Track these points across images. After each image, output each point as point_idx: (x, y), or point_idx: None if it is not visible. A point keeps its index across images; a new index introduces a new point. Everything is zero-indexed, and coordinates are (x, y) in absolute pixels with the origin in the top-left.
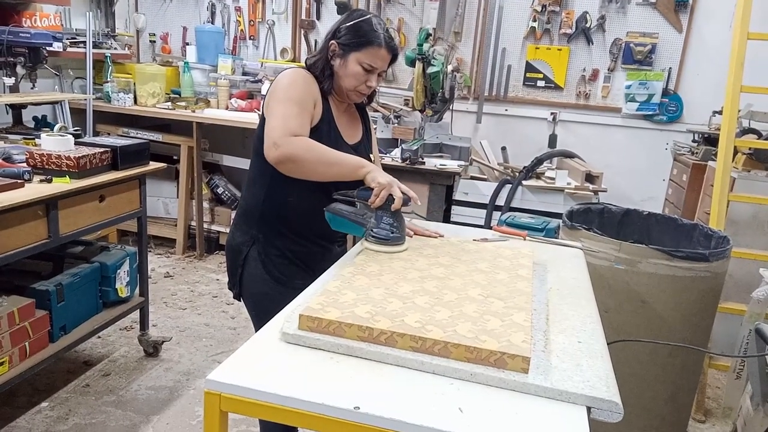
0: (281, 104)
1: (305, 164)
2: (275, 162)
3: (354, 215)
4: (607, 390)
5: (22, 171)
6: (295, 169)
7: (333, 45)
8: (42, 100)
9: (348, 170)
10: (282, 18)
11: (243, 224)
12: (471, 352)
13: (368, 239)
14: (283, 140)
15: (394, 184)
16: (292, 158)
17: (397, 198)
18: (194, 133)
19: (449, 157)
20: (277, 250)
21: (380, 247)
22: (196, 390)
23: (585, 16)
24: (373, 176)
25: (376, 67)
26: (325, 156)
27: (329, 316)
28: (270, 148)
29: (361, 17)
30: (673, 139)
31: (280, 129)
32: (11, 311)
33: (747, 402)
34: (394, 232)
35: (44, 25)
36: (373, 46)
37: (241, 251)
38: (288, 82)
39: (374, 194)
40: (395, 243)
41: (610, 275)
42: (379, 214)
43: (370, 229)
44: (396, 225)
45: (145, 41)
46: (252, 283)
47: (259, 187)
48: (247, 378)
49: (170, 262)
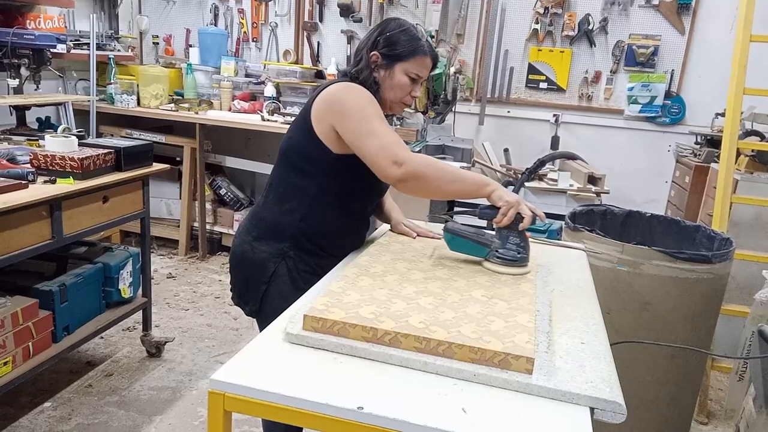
0: (371, 122)
1: (430, 181)
2: (398, 180)
3: (477, 236)
4: (610, 391)
5: (26, 172)
6: (417, 187)
7: (375, 56)
8: (46, 101)
9: (472, 188)
10: (285, 20)
11: (270, 239)
12: (475, 352)
13: (492, 260)
14: (404, 157)
15: (522, 202)
16: (417, 175)
17: (526, 217)
18: (197, 135)
19: (451, 159)
20: (308, 266)
21: (506, 269)
22: (198, 390)
23: (587, 18)
24: (499, 194)
25: (422, 76)
26: (448, 173)
27: (333, 316)
28: (390, 167)
29: (401, 27)
30: (676, 141)
31: (393, 146)
32: (15, 311)
33: (750, 404)
34: (521, 253)
35: (48, 27)
36: (419, 55)
37: (268, 267)
38: (359, 98)
39: (501, 213)
40: (522, 264)
41: (613, 277)
42: (504, 234)
43: (495, 249)
44: (523, 245)
45: (148, 43)
46: (278, 300)
47: (297, 203)
48: (250, 378)
49: (173, 263)
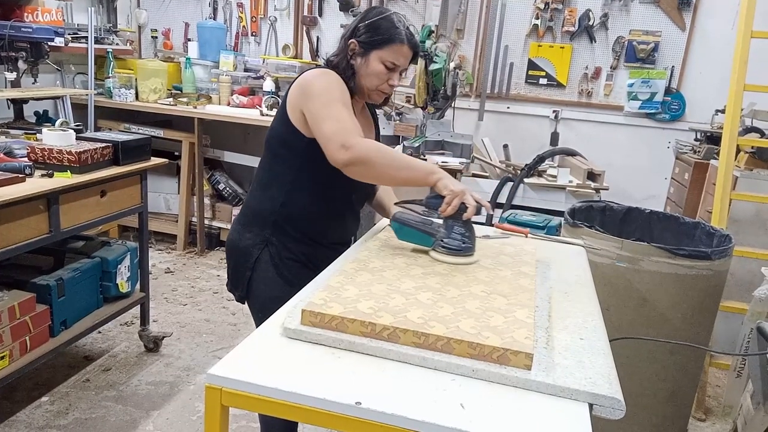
0: (330, 106)
1: (376, 167)
2: (344, 164)
3: (423, 225)
4: (609, 387)
5: (23, 165)
6: (364, 172)
7: (353, 44)
8: (43, 95)
9: (419, 175)
10: (284, 14)
11: (254, 226)
12: (474, 348)
13: (438, 250)
14: (352, 141)
15: (467, 192)
16: (364, 160)
17: (470, 207)
18: (195, 129)
19: (451, 155)
20: (291, 253)
21: (451, 258)
22: (196, 385)
23: (588, 13)
24: (444, 183)
25: (399, 65)
26: (396, 159)
27: (332, 311)
28: (337, 151)
29: (381, 14)
30: (676, 137)
31: (344, 131)
32: (12, 305)
33: (747, 400)
34: (466, 242)
35: (46, 20)
36: (396, 44)
37: (251, 253)
38: (325, 83)
39: (446, 202)
40: (467, 254)
41: (612, 273)
42: (449, 224)
43: (440, 239)
44: (467, 235)
45: (146, 37)
46: (263, 286)
47: (277, 190)
48: (248, 373)
49: (171, 258)
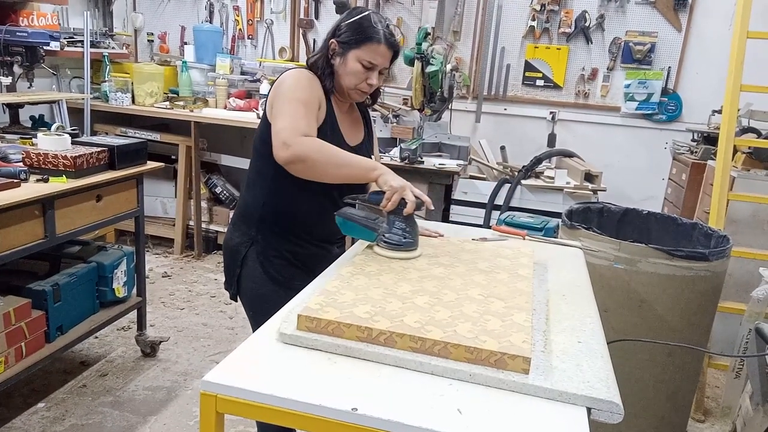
0: (288, 104)
1: (316, 165)
2: (285, 162)
3: (365, 220)
4: (607, 391)
5: (18, 170)
6: (305, 170)
7: (333, 43)
8: (39, 99)
9: (359, 172)
10: (280, 17)
11: (242, 225)
12: (471, 352)
13: (380, 244)
14: (293, 140)
15: (407, 187)
16: (303, 158)
17: (409, 202)
18: (192, 133)
19: (448, 157)
20: (276, 251)
21: (392, 253)
22: (193, 390)
23: (584, 15)
24: (385, 179)
25: (377, 64)
26: (336, 157)
27: (328, 316)
28: (280, 148)
29: (360, 14)
30: (673, 138)
31: (289, 129)
32: (7, 311)
33: (746, 401)
34: (407, 237)
35: (41, 24)
36: (372, 43)
37: (240, 252)
38: (293, 82)
39: (386, 198)
40: (408, 249)
41: (610, 275)
42: (391, 219)
43: (382, 234)
44: (408, 230)
45: (143, 40)
46: (250, 284)
47: (260, 188)
48: (243, 379)
49: (168, 262)
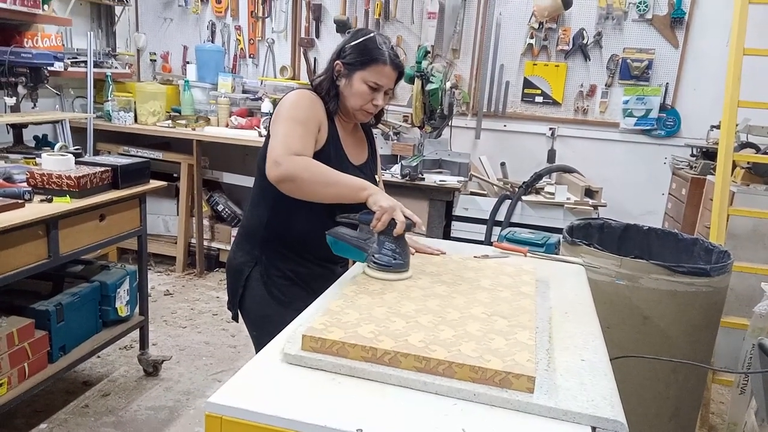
0: (284, 124)
1: (304, 184)
2: (275, 181)
3: (356, 240)
4: (611, 409)
5: (22, 191)
6: (294, 189)
7: (338, 65)
8: (43, 119)
9: (349, 192)
10: (281, 36)
11: (245, 244)
12: (476, 371)
13: (370, 265)
14: (283, 159)
15: (397, 207)
16: (291, 177)
17: (399, 223)
18: (194, 151)
19: (449, 173)
20: (280, 271)
21: (381, 274)
22: (196, 410)
23: (582, 32)
24: (375, 199)
25: (382, 85)
26: (324, 176)
27: (333, 336)
28: (271, 167)
29: (365, 36)
30: (672, 153)
31: (281, 148)
32: (10, 332)
33: (752, 417)
34: (397, 259)
35: (46, 45)
36: (378, 64)
37: (243, 272)
38: (292, 102)
39: (375, 218)
40: (397, 270)
41: (612, 291)
42: (381, 239)
43: (372, 254)
44: (398, 251)
45: (145, 60)
46: (254, 304)
47: (263, 208)
48: (248, 400)
49: (170, 280)
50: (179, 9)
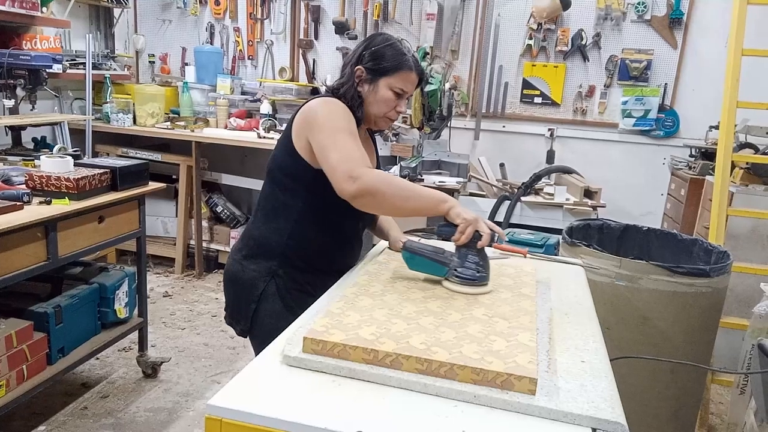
0: (336, 136)
1: (384, 198)
2: (352, 196)
3: (435, 254)
4: (612, 411)
5: (21, 193)
6: (372, 204)
7: (359, 71)
8: (41, 121)
9: (429, 204)
10: (280, 38)
11: (259, 257)
12: (477, 373)
13: (451, 279)
14: (359, 172)
15: (480, 219)
16: (372, 192)
17: (485, 235)
18: (193, 153)
19: (448, 174)
20: (298, 284)
21: (466, 288)
22: (195, 411)
23: (580, 33)
24: (457, 212)
25: (407, 91)
26: (405, 189)
27: (334, 338)
28: (345, 182)
29: (387, 42)
30: (671, 153)
31: (351, 161)
32: (9, 334)
33: (751, 418)
34: (481, 272)
35: (44, 47)
36: (404, 70)
37: (256, 286)
38: (332, 111)
39: (459, 231)
40: (481, 283)
41: (611, 292)
42: (463, 252)
43: (454, 268)
44: (482, 264)
45: (144, 62)
46: (269, 320)
47: (284, 221)
48: (248, 402)
49: (169, 281)
50: (178, 11)
